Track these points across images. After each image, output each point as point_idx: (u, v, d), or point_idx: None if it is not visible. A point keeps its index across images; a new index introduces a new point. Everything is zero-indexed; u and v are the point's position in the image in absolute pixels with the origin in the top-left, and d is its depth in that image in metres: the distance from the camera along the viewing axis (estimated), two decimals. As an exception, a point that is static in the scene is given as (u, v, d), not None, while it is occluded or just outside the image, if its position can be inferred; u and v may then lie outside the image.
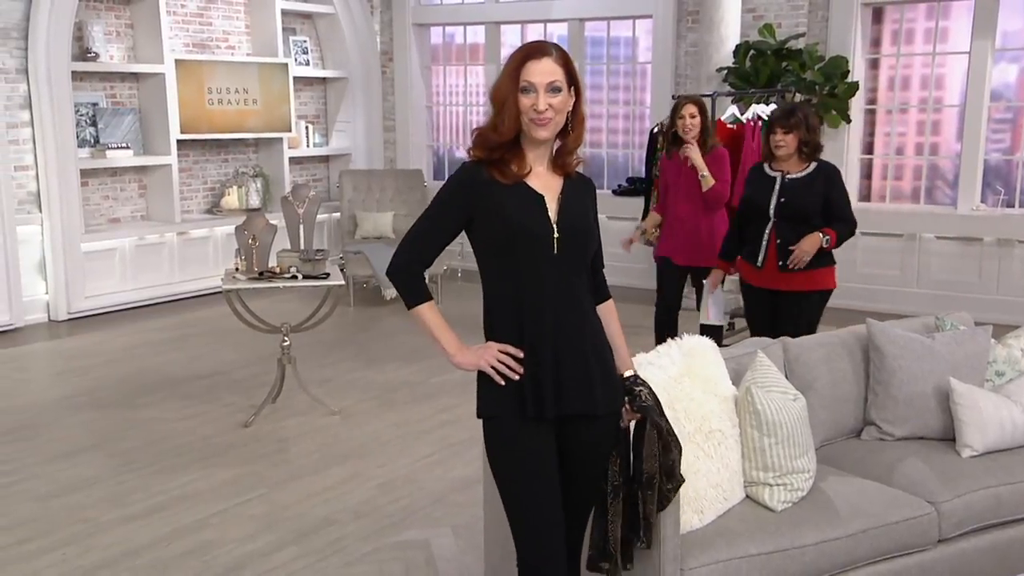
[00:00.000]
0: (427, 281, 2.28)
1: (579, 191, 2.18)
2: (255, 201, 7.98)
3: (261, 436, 4.52)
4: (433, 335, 2.18)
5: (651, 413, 2.16)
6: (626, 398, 2.19)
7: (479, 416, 2.21)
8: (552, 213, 2.11)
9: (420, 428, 4.63)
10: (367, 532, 3.51)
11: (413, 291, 2.19)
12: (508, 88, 2.06)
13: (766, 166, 4.12)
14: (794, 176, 4.02)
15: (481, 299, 2.20)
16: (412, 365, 5.73)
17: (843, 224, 3.99)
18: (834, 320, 4.69)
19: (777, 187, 4.02)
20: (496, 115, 2.08)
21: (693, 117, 4.73)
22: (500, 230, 2.10)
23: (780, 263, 4.00)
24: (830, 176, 4.01)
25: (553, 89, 2.05)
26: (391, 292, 7.16)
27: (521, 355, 2.11)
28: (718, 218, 4.83)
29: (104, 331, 6.52)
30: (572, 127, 2.13)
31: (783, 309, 4.07)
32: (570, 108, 2.11)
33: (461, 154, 9.27)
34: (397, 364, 5.75)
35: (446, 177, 9.64)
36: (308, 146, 8.64)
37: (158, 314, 7.03)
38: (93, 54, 6.84)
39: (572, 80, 2.10)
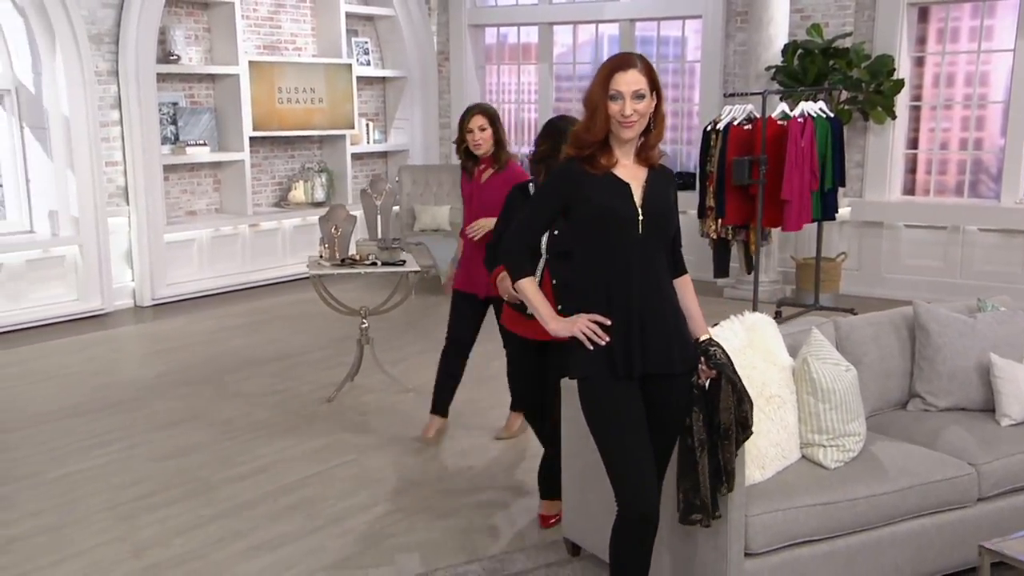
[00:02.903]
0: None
1: (662, 180, 2.52)
2: (320, 195, 8.40)
3: (344, 410, 4.91)
4: (533, 304, 2.57)
5: (725, 370, 2.49)
6: (702, 358, 2.51)
7: (572, 378, 2.56)
8: (637, 199, 2.46)
9: (488, 404, 4.98)
10: (451, 493, 3.87)
11: (518, 268, 2.60)
12: (599, 96, 2.42)
13: (532, 188, 3.37)
14: None
15: None
16: (476, 347, 6.06)
17: None
18: (879, 309, 4.94)
19: None
20: (589, 118, 2.44)
21: (483, 130, 4.04)
22: (592, 215, 2.46)
23: (559, 307, 3.00)
24: None
25: (638, 96, 2.39)
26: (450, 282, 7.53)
27: (608, 323, 2.45)
28: None
29: (185, 316, 6.98)
30: (654, 125, 2.48)
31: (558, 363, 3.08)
32: (652, 110, 2.45)
33: (513, 149, 9.59)
34: (461, 348, 6.11)
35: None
36: (368, 143, 9.05)
37: (232, 301, 7.48)
38: (175, 57, 7.31)
39: (654, 86, 2.44)
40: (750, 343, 2.99)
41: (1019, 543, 2.54)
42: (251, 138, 7.84)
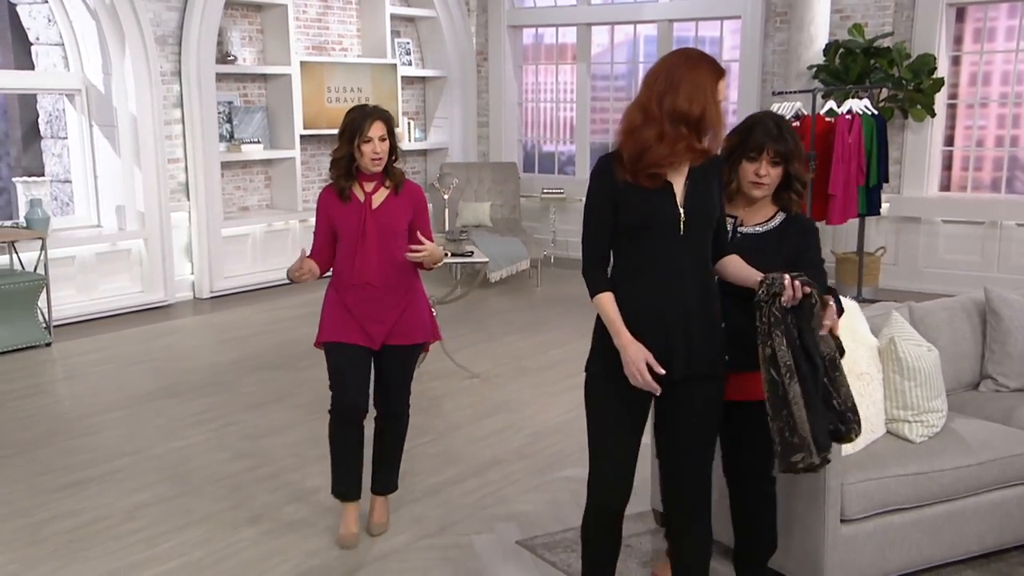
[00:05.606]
0: (528, 266, 2.83)
1: (705, 173, 2.44)
2: (366, 191, 8.59)
3: (415, 394, 5.02)
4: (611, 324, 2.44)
5: (815, 288, 2.36)
6: (791, 274, 2.35)
7: (586, 370, 2.53)
8: (679, 198, 2.40)
9: (554, 390, 5.18)
10: (532, 469, 4.07)
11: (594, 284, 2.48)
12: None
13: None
14: (754, 231, 2.67)
15: (575, 282, 2.57)
16: (530, 338, 6.29)
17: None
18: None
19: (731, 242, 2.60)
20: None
21: (383, 140, 3.18)
22: (634, 215, 2.39)
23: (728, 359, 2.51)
24: (805, 230, 2.67)
25: None
26: (496, 275, 7.72)
27: (662, 372, 2.36)
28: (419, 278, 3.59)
29: (242, 308, 7.19)
30: None
31: (746, 428, 2.61)
32: None
33: (549, 147, 9.82)
34: (516, 337, 6.32)
35: (536, 170, 10.18)
36: (409, 141, 9.25)
37: (285, 293, 7.68)
38: (232, 57, 7.52)
39: None
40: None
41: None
42: (301, 136, 8.05)
